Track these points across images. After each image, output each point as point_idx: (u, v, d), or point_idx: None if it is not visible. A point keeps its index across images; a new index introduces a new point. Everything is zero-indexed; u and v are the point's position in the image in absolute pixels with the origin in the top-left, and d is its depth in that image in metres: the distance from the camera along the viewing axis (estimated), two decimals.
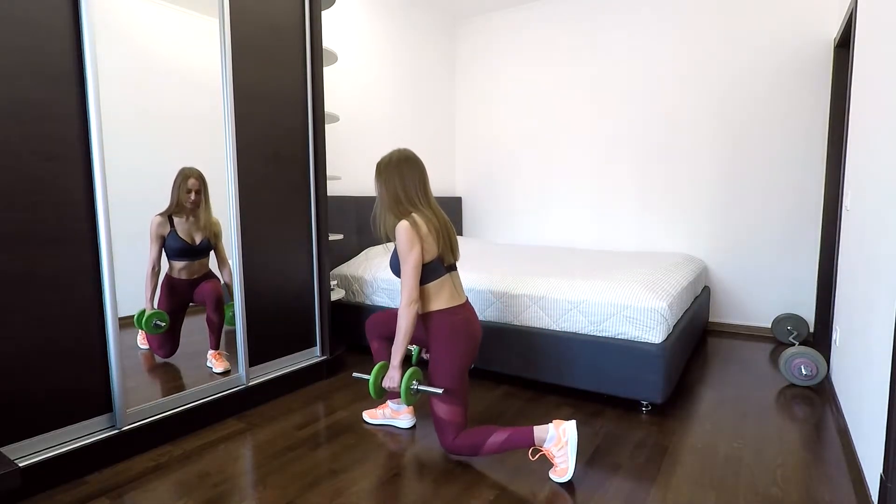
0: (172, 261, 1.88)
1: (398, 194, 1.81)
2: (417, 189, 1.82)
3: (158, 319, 1.85)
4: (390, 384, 1.80)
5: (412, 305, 1.75)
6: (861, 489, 1.64)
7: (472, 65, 4.62)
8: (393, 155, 1.85)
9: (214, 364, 2.20)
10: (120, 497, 1.64)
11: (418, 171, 1.84)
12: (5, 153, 1.56)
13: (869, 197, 1.87)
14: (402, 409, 2.14)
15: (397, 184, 1.81)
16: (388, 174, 1.82)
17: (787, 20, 3.29)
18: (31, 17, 1.60)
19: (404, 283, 1.74)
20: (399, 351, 1.78)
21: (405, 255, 1.73)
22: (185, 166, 1.91)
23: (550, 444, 1.70)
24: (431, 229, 1.78)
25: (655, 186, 3.82)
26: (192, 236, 1.90)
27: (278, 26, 2.38)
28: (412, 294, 1.74)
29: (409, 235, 1.72)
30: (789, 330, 3.29)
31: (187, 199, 1.85)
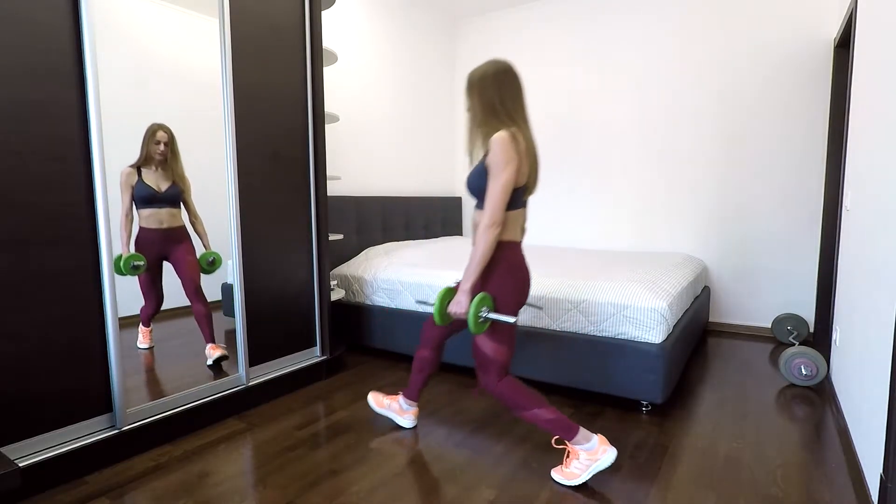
0: (140, 209, 1.93)
1: (496, 106, 1.63)
2: (517, 103, 1.66)
3: (136, 261, 1.89)
4: (457, 309, 1.65)
5: (495, 228, 1.58)
6: (861, 489, 1.64)
7: (472, 65, 4.62)
8: (488, 65, 1.67)
9: (211, 353, 2.19)
10: (120, 497, 1.64)
11: (518, 84, 1.67)
12: (5, 153, 1.56)
13: (869, 197, 1.87)
14: (410, 410, 2.11)
15: (494, 95, 1.63)
16: (484, 85, 1.65)
17: (787, 20, 3.29)
18: (31, 17, 1.60)
19: (491, 200, 1.56)
20: (472, 275, 1.63)
21: (498, 170, 1.55)
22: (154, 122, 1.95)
23: (584, 450, 1.67)
24: (527, 153, 1.62)
25: (655, 186, 3.82)
26: (159, 185, 1.96)
27: (278, 26, 2.38)
28: (498, 215, 1.57)
29: (509, 148, 1.55)
30: (789, 330, 3.29)
31: (156, 151, 1.93)
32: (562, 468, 1.72)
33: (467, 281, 1.64)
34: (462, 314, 1.64)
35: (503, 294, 1.67)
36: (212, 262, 2.16)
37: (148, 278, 1.99)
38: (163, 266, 2.04)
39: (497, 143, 1.55)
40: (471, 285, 1.64)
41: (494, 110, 1.63)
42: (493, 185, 1.57)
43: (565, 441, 1.71)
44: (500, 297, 1.66)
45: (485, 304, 1.64)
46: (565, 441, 1.71)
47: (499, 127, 1.61)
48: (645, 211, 3.88)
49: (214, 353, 2.20)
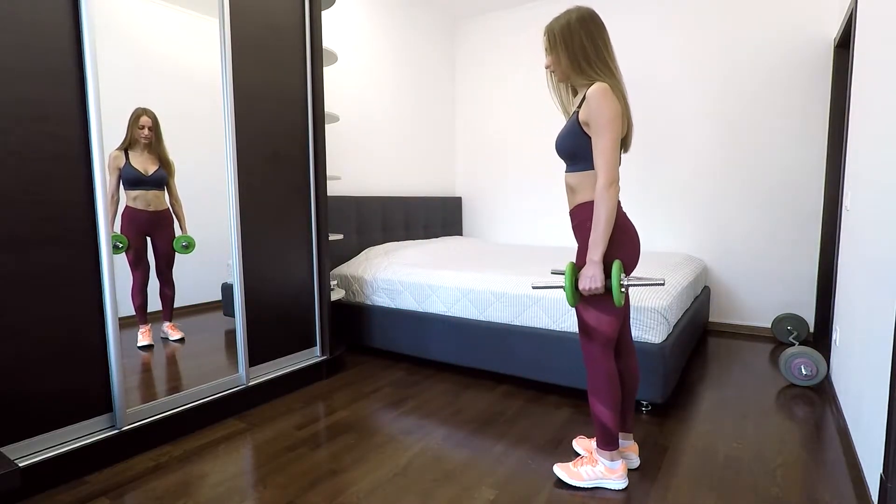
0: (128, 190, 1.98)
1: (588, 54, 1.50)
2: (608, 51, 1.53)
3: (117, 241, 1.93)
4: (593, 284, 1.48)
5: (613, 186, 1.44)
6: (861, 489, 1.64)
7: (472, 65, 4.62)
8: (571, 13, 1.53)
9: (171, 334, 2.21)
10: (120, 497, 1.64)
11: (604, 32, 1.55)
12: (5, 153, 1.56)
13: (869, 197, 1.87)
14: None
15: (586, 42, 1.50)
16: (570, 34, 1.51)
17: (787, 20, 3.29)
18: (31, 17, 1.60)
19: (603, 157, 1.44)
20: (599, 244, 1.47)
21: (604, 126, 1.43)
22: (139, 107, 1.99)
23: (605, 464, 1.64)
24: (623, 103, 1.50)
25: (655, 186, 3.82)
26: (146, 168, 2.02)
27: (278, 26, 2.38)
28: (613, 172, 1.44)
29: (610, 99, 1.43)
30: (789, 330, 3.29)
31: (140, 135, 1.98)
32: (569, 466, 1.71)
33: (596, 250, 1.47)
34: (599, 287, 1.48)
35: (627, 258, 1.54)
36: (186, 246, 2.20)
37: (134, 254, 2.05)
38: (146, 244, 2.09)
39: (597, 96, 1.43)
40: (601, 254, 1.48)
41: (588, 58, 1.50)
42: (601, 141, 1.44)
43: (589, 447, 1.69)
44: (626, 261, 1.54)
45: (622, 272, 1.48)
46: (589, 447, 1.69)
47: (593, 78, 1.49)
48: (645, 211, 3.88)
49: (173, 335, 2.22)
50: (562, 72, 1.57)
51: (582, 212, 1.58)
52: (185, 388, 2.08)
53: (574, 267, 1.55)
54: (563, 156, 1.59)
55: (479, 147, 4.65)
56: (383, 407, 2.34)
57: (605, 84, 1.46)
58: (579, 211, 1.59)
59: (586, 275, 1.49)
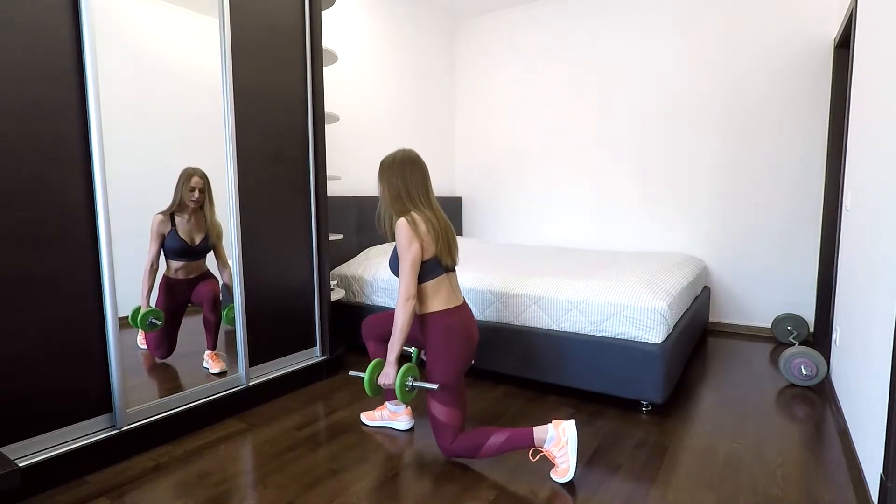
0: (170, 260, 1.89)
1: (400, 193, 1.82)
2: (419, 189, 1.84)
3: (154, 318, 1.85)
4: (385, 381, 1.79)
5: (409, 301, 1.75)
6: (861, 489, 1.64)
7: (472, 65, 4.62)
8: (397, 155, 1.88)
9: (211, 365, 2.20)
10: (120, 497, 1.64)
11: (420, 172, 1.86)
12: (5, 153, 1.56)
13: (869, 197, 1.87)
14: (401, 411, 2.13)
15: (399, 183, 1.82)
16: (391, 173, 1.84)
17: (787, 20, 3.29)
18: (31, 17, 1.60)
19: (402, 278, 1.75)
20: (395, 348, 1.78)
21: (403, 251, 1.74)
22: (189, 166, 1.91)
23: (551, 444, 1.70)
24: (430, 229, 1.79)
25: (655, 186, 3.82)
26: (193, 237, 1.90)
27: (278, 26, 2.38)
28: (409, 290, 1.74)
29: (408, 232, 1.73)
30: (789, 330, 3.29)
31: (190, 198, 1.86)
32: (554, 469, 1.74)
33: (392, 353, 1.78)
34: (390, 384, 1.78)
35: (443, 363, 1.78)
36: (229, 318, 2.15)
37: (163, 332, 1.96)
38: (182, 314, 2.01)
39: (398, 228, 1.75)
40: (395, 356, 1.79)
41: (398, 196, 1.82)
42: (401, 264, 1.75)
43: (537, 448, 1.73)
44: (441, 364, 1.78)
45: (410, 374, 1.80)
46: (537, 448, 1.73)
47: (401, 211, 1.80)
48: (645, 211, 3.88)
49: (213, 367, 2.20)
50: (385, 201, 1.87)
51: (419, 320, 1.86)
52: (185, 388, 2.08)
53: (379, 364, 1.86)
54: (394, 273, 1.84)
55: (479, 147, 4.65)
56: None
57: (405, 218, 1.76)
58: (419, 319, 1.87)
59: (384, 372, 1.80)
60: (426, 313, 1.82)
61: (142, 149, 1.93)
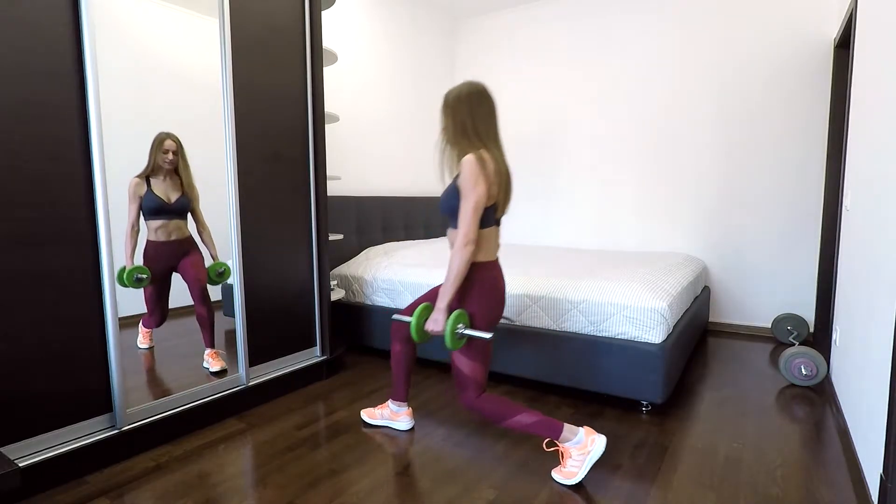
0: (149, 220, 1.91)
1: (466, 127, 1.69)
2: (488, 125, 1.71)
3: (139, 273, 1.86)
4: (434, 327, 1.69)
5: (469, 247, 1.63)
6: (861, 489, 1.64)
7: (472, 65, 4.62)
8: (463, 87, 1.72)
9: (211, 363, 2.20)
10: (120, 497, 1.64)
11: (489, 107, 1.72)
12: (5, 153, 1.56)
13: (869, 197, 1.87)
14: (402, 412, 2.12)
15: (466, 117, 1.69)
16: (458, 106, 1.70)
17: (787, 20, 3.29)
18: (31, 17, 1.60)
19: (463, 220, 1.63)
20: (448, 293, 1.67)
21: (468, 191, 1.61)
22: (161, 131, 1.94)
23: (574, 446, 1.69)
24: (496, 173, 1.67)
25: (655, 186, 3.82)
26: (168, 195, 1.93)
27: (278, 26, 2.38)
28: (471, 233, 1.62)
29: (476, 170, 1.60)
30: (789, 330, 3.29)
31: (164, 160, 1.90)
32: (560, 468, 1.73)
33: (443, 299, 1.69)
34: (439, 331, 1.69)
35: (479, 312, 1.72)
36: (221, 273, 2.15)
37: (154, 292, 1.97)
38: (171, 279, 2.02)
39: (466, 164, 1.62)
40: (447, 303, 1.69)
41: (465, 131, 1.69)
42: (464, 204, 1.63)
43: (556, 442, 1.72)
44: (476, 314, 1.72)
45: (461, 321, 1.70)
46: (556, 442, 1.72)
47: (468, 148, 1.67)
48: (645, 211, 3.88)
49: (213, 365, 2.20)
50: (448, 136, 1.75)
51: None
52: (185, 388, 2.08)
53: (428, 308, 1.77)
54: (445, 214, 1.75)
55: None
56: None
57: (474, 155, 1.62)
58: None
59: (432, 318, 1.71)
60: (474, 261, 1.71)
61: (142, 149, 1.93)
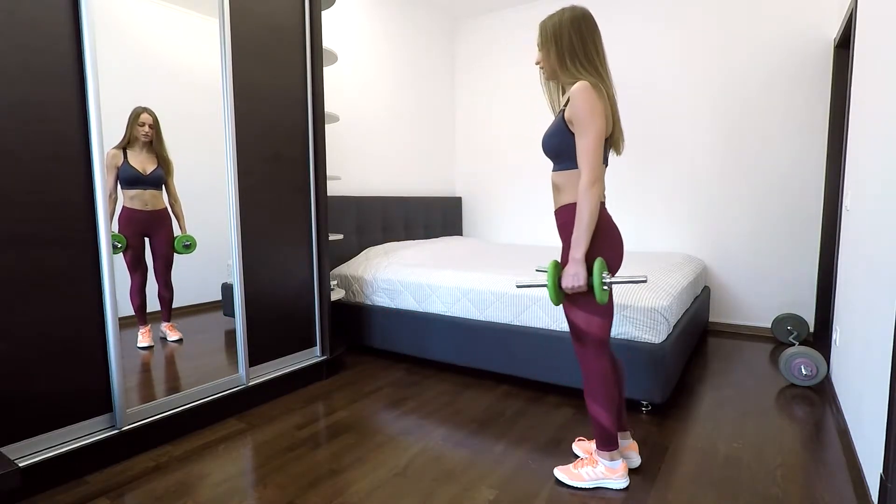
0: (125, 189, 1.96)
1: (576, 53, 1.49)
2: (597, 50, 1.52)
3: (116, 241, 1.91)
4: (576, 282, 1.47)
5: (595, 186, 1.43)
6: (861, 489, 1.64)
7: (471, 65, 4.62)
8: (564, 12, 1.52)
9: (168, 334, 2.20)
10: (120, 497, 1.64)
11: (596, 31, 1.53)
12: (5, 153, 1.56)
13: (869, 197, 1.87)
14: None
15: (575, 41, 1.49)
16: (560, 33, 1.51)
17: (787, 20, 3.29)
18: (31, 17, 1.60)
19: (585, 155, 1.43)
20: (582, 242, 1.46)
21: (586, 123, 1.42)
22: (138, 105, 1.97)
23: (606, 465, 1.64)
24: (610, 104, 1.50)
25: (655, 186, 3.82)
26: (144, 167, 2.00)
27: (278, 26, 2.38)
28: (595, 171, 1.42)
29: (593, 97, 1.42)
30: (789, 330, 3.29)
31: (141, 132, 1.96)
32: (570, 468, 1.71)
33: (578, 248, 1.47)
34: (581, 286, 1.47)
35: (611, 257, 1.54)
36: (187, 246, 2.18)
37: (132, 257, 2.03)
38: (145, 244, 2.07)
39: (579, 92, 1.42)
40: (583, 252, 1.47)
41: (574, 56, 1.49)
42: (583, 140, 1.43)
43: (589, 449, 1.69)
44: (609, 260, 1.53)
45: (604, 269, 1.47)
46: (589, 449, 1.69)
47: (578, 77, 1.48)
48: (645, 211, 3.88)
49: (172, 335, 2.21)
50: (550, 68, 1.56)
51: (566, 212, 1.58)
52: (185, 388, 2.08)
53: (558, 265, 1.54)
54: (549, 154, 1.58)
55: (479, 147, 4.65)
56: (383, 407, 2.34)
57: (587, 82, 1.45)
58: (564, 211, 1.59)
59: (569, 272, 1.48)
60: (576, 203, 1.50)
61: None
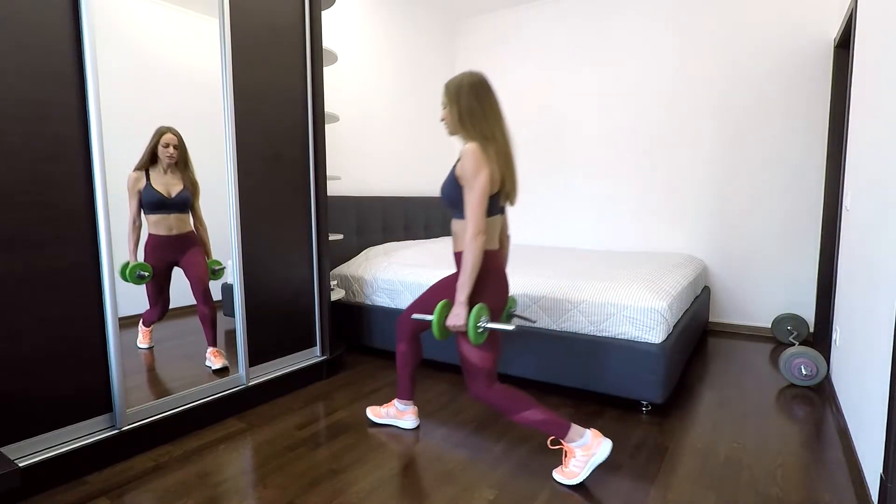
0: (149, 214, 1.89)
1: (473, 114, 1.67)
2: (490, 111, 1.69)
3: (141, 270, 1.85)
4: (456, 321, 1.65)
5: (480, 237, 1.60)
6: (861, 489, 1.64)
7: (472, 65, 4.62)
8: (465, 76, 1.71)
9: (213, 361, 2.20)
10: (120, 497, 1.64)
11: (491, 96, 1.71)
12: (5, 153, 1.56)
13: (869, 197, 1.87)
14: (408, 410, 2.13)
15: (473, 103, 1.67)
16: (459, 95, 1.69)
17: (787, 20, 3.29)
18: (31, 17, 1.60)
19: (471, 210, 1.60)
20: (466, 287, 1.63)
21: (471, 180, 1.60)
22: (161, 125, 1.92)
23: (579, 447, 1.69)
24: (500, 160, 1.66)
25: (656, 186, 3.82)
26: (169, 189, 1.91)
27: (278, 26, 2.38)
28: (480, 223, 1.60)
29: (478, 157, 1.59)
30: (789, 330, 3.29)
31: (165, 154, 1.87)
32: (562, 468, 1.73)
33: (462, 292, 1.65)
34: (462, 327, 1.65)
35: (493, 302, 1.70)
36: (216, 272, 2.14)
37: (155, 286, 1.97)
38: (171, 273, 2.01)
39: (466, 153, 1.61)
40: (466, 296, 1.65)
41: (470, 120, 1.68)
42: (469, 195, 1.61)
43: (561, 441, 1.72)
44: (491, 305, 1.70)
45: (483, 315, 1.66)
46: (561, 441, 1.72)
47: (470, 137, 1.66)
48: (645, 211, 3.88)
49: (216, 363, 2.20)
50: (451, 125, 1.73)
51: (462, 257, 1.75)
52: (185, 388, 2.08)
53: (446, 305, 1.72)
54: (444, 204, 1.75)
55: None
56: None
57: (476, 144, 1.62)
58: (460, 256, 1.74)
59: (454, 313, 1.66)
60: None
61: (141, 149, 1.93)
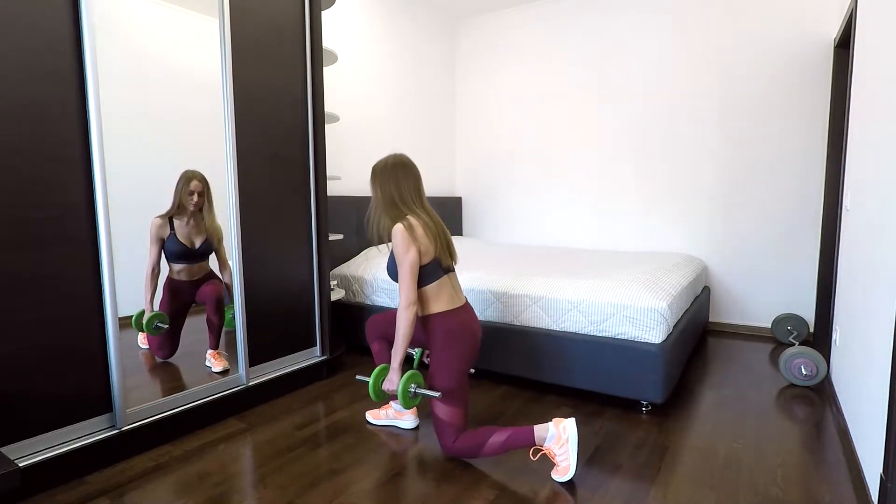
0: (172, 263, 1.89)
1: (393, 197, 1.83)
2: (412, 193, 1.85)
3: (159, 321, 1.85)
4: (390, 387, 1.82)
5: (410, 308, 1.76)
6: (861, 489, 1.64)
7: (472, 64, 4.62)
8: (388, 159, 1.88)
9: (213, 363, 2.20)
10: (120, 497, 1.64)
11: (413, 176, 1.87)
12: (5, 153, 1.56)
13: (869, 197, 1.87)
14: (406, 410, 2.13)
15: (392, 187, 1.83)
16: (384, 177, 1.85)
17: (787, 20, 3.29)
18: (31, 17, 1.60)
19: (402, 285, 1.76)
20: (398, 354, 1.79)
21: (401, 258, 1.75)
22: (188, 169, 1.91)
23: (551, 442, 1.70)
24: (427, 232, 1.80)
25: (656, 186, 3.82)
26: (192, 240, 1.91)
27: (278, 26, 2.38)
28: (410, 296, 1.76)
29: (405, 237, 1.75)
30: (789, 330, 3.29)
31: (189, 202, 1.86)
32: (555, 468, 1.74)
33: (395, 359, 1.80)
34: (394, 391, 1.80)
35: (447, 364, 1.80)
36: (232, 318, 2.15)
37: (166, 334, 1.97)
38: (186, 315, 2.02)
39: (395, 235, 1.76)
40: (399, 362, 1.80)
41: (392, 201, 1.83)
42: (400, 271, 1.76)
43: (539, 447, 1.73)
44: (444, 365, 1.80)
45: (414, 381, 1.80)
46: (539, 447, 1.73)
47: (395, 219, 1.80)
48: (645, 211, 3.88)
49: (216, 365, 2.20)
50: (377, 205, 1.87)
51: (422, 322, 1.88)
52: (185, 388, 2.08)
53: (384, 370, 1.90)
54: (391, 276, 1.87)
55: (479, 147, 4.65)
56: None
57: (401, 224, 1.76)
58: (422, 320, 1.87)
59: (388, 378, 1.83)
60: (428, 315, 1.84)
61: (141, 149, 1.93)
